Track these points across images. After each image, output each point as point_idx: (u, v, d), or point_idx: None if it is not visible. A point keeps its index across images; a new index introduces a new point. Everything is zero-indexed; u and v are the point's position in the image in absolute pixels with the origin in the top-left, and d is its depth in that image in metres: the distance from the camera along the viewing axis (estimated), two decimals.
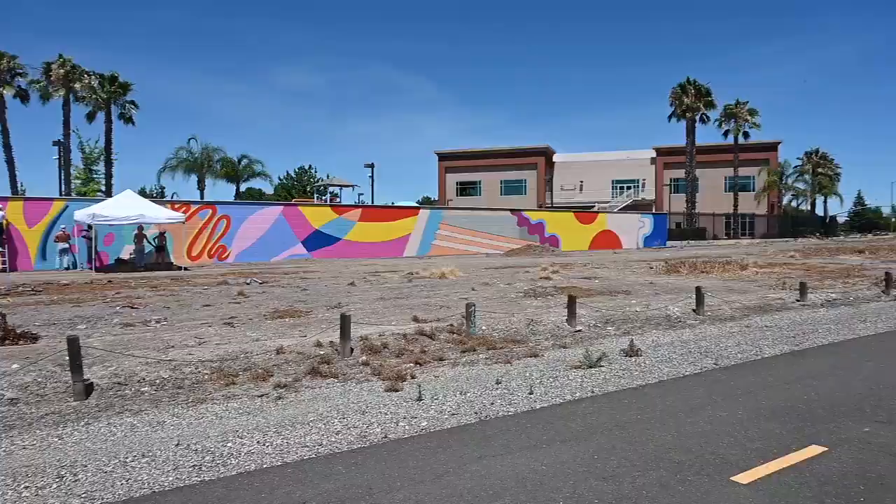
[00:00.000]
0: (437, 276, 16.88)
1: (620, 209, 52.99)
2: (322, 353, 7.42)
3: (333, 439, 4.80)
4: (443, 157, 65.62)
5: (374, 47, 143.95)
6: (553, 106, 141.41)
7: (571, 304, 9.54)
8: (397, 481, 3.94)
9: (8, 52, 38.86)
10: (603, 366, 7.12)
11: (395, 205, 36.17)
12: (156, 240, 22.66)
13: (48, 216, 21.39)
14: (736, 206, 53.94)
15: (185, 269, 21.02)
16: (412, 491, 3.79)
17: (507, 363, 7.35)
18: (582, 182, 63.32)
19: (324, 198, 52.50)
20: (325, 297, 12.46)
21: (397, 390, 6.17)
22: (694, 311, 10.76)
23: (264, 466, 4.27)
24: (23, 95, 40.53)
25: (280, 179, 67.18)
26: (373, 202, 43.10)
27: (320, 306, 11.14)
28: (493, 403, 5.73)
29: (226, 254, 25.12)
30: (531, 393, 6.05)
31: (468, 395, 6.02)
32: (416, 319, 9.41)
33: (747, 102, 52.96)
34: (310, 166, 70.50)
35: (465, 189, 64.81)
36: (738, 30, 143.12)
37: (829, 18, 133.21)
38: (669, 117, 52.45)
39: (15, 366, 6.32)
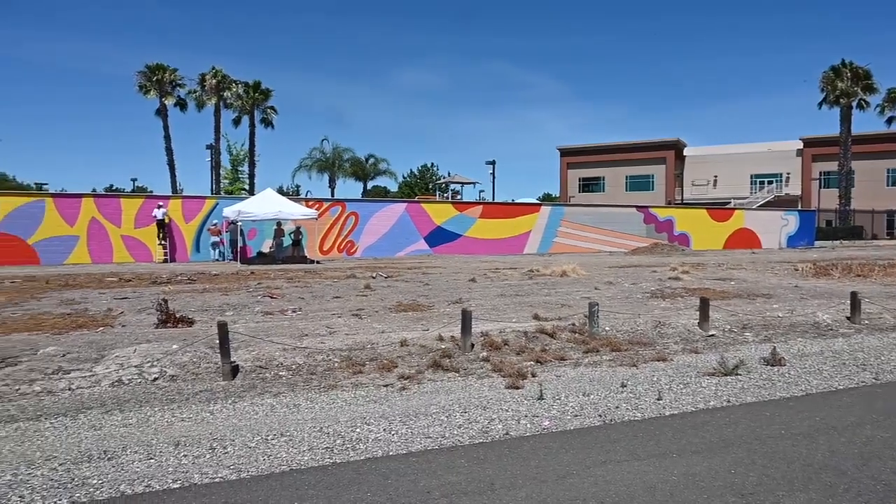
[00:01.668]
0: (558, 273, 16.60)
1: (760, 205, 49.04)
2: (443, 347, 7.56)
3: (455, 432, 4.87)
4: (565, 152, 64.40)
5: (492, 44, 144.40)
6: (683, 98, 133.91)
7: (704, 307, 8.97)
8: (519, 479, 3.92)
9: (170, 65, 43.54)
10: (740, 374, 6.62)
11: (516, 202, 36.03)
12: (292, 235, 24.35)
13: (201, 213, 23.72)
14: None
15: (318, 262, 22.39)
16: (534, 490, 3.75)
17: (632, 366, 7.06)
18: (716, 177, 59.32)
19: (445, 195, 53.62)
20: (446, 293, 12.70)
21: (518, 388, 6.14)
22: (848, 318, 9.69)
23: (390, 454, 4.43)
24: (182, 104, 45.32)
25: (404, 177, 69.65)
26: (493, 199, 43.27)
27: (442, 301, 11.37)
28: (618, 407, 5.52)
29: (354, 249, 26.41)
30: (660, 398, 5.76)
31: (591, 396, 5.85)
32: (536, 317, 9.31)
33: None
34: (432, 164, 72.51)
35: (588, 185, 63.18)
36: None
37: None
38: (820, 104, 47.62)
39: (175, 346, 7.07)
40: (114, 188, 63.41)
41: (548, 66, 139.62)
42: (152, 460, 4.32)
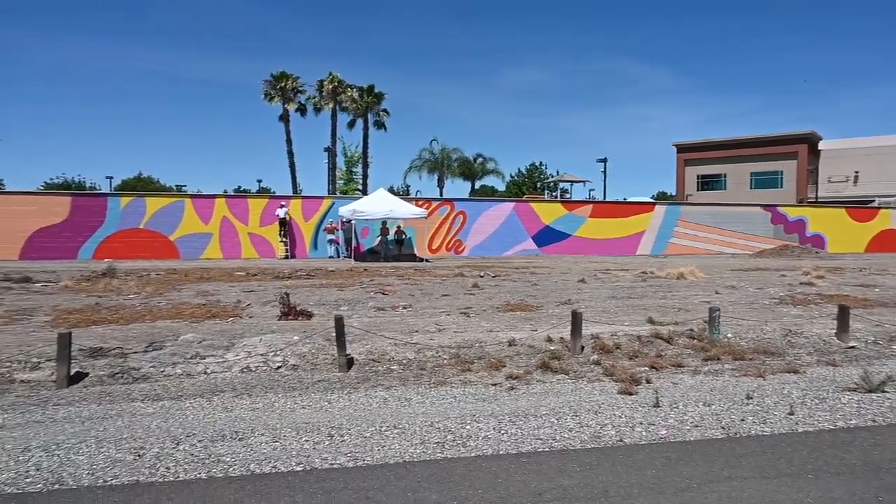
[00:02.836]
0: (674, 276, 15.81)
1: None
2: (552, 348, 7.45)
3: (566, 436, 4.78)
4: (682, 148, 61.07)
5: (603, 41, 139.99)
6: (815, 91, 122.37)
7: (843, 315, 8.16)
8: (634, 488, 3.77)
9: (292, 74, 46.30)
10: (888, 391, 5.95)
11: (628, 200, 34.77)
12: (395, 234, 25.07)
13: (319, 212, 25.03)
14: None
15: (427, 260, 22.86)
16: (651, 501, 3.59)
17: (758, 377, 6.56)
18: (857, 173, 53.71)
19: (554, 194, 52.84)
20: (554, 293, 12.50)
21: (631, 394, 5.91)
22: None
23: (500, 453, 4.42)
24: (302, 109, 47.99)
25: (511, 176, 69.19)
26: (604, 198, 42.02)
27: (550, 301, 11.20)
28: (743, 420, 5.16)
29: (461, 247, 26.69)
30: (791, 413, 5.31)
31: (713, 407, 5.51)
32: (650, 321, 8.92)
33: None
34: (540, 163, 71.42)
35: (707, 183, 59.51)
36: None
37: None
38: None
39: (296, 337, 7.50)
40: (241, 189, 68.40)
41: (662, 61, 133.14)
42: (277, 443, 4.61)
